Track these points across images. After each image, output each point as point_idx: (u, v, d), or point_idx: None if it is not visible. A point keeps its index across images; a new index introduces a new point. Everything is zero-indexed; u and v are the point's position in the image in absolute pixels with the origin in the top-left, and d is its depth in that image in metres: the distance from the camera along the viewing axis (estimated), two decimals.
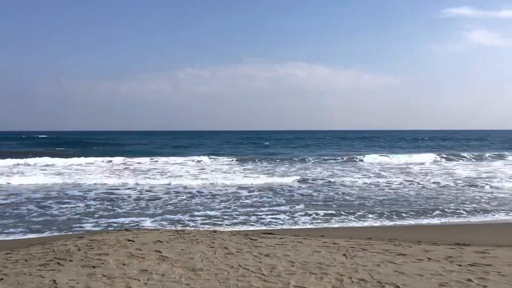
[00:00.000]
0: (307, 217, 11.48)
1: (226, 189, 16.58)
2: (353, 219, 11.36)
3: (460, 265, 5.90)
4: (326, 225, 10.72)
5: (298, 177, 20.00)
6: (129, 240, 7.53)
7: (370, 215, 11.72)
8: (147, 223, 10.75)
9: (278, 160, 29.79)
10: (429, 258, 6.31)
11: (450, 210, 12.41)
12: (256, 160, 29.52)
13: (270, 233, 8.71)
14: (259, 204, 13.48)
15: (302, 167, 26.40)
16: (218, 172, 22.72)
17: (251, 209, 12.53)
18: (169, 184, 18.04)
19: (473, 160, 31.08)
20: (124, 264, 5.88)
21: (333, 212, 12.19)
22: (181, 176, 20.94)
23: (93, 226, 10.44)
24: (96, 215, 11.63)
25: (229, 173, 22.65)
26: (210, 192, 15.81)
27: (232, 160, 29.59)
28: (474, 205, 13.25)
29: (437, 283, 5.09)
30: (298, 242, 7.51)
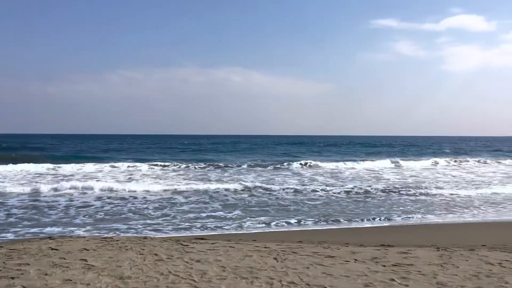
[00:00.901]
0: (242, 222, 11.50)
1: (160, 195, 16.25)
2: (285, 223, 11.52)
3: (384, 266, 6.16)
4: (259, 229, 10.80)
5: (233, 182, 20.00)
6: (52, 249, 7.16)
7: (302, 219, 11.95)
8: (76, 232, 10.28)
9: (212, 165, 29.42)
10: (355, 260, 6.53)
11: (378, 213, 12.93)
12: (190, 166, 29.06)
13: (202, 238, 8.63)
14: (197, 210, 13.32)
15: (237, 171, 26.44)
16: (150, 178, 22.23)
17: (189, 216, 12.35)
18: (100, 190, 17.36)
19: (402, 166, 32.54)
20: (46, 274, 5.58)
21: (267, 216, 12.32)
22: (111, 181, 20.24)
23: (15, 236, 9.81)
24: (19, 225, 10.92)
25: (163, 178, 22.23)
26: (144, 198, 15.42)
27: (165, 165, 28.84)
28: (401, 208, 13.90)
29: (363, 283, 5.27)
30: (230, 247, 7.50)
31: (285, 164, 30.27)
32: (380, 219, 12.05)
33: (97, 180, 19.73)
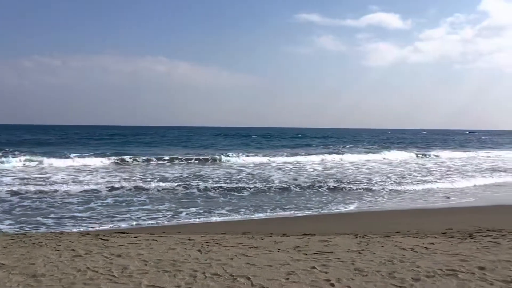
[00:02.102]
0: (167, 215, 11.30)
1: (83, 187, 15.50)
2: (210, 214, 11.47)
3: (306, 254, 6.31)
4: (184, 222, 10.66)
5: (156, 176, 19.60)
6: None
7: (227, 210, 11.97)
8: None
9: (134, 159, 27.26)
10: (279, 249, 6.63)
11: (301, 203, 13.27)
12: (113, 159, 27.29)
13: (123, 232, 8.36)
14: (123, 203, 12.86)
15: (161, 164, 25.88)
16: (65, 171, 21.17)
17: (116, 209, 11.91)
18: (16, 184, 16.26)
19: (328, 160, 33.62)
20: None
21: (195, 208, 12.21)
22: (29, 176, 19.05)
23: None
24: None
25: (81, 171, 21.27)
26: (66, 192, 14.64)
27: (80, 157, 26.81)
28: (322, 198, 14.36)
29: (285, 272, 5.36)
30: (153, 240, 7.32)
31: (213, 156, 30.12)
32: (303, 209, 12.37)
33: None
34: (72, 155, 27.38)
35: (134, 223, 10.38)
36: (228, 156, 29.23)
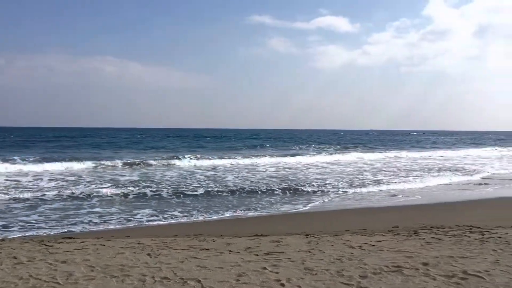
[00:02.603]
0: (118, 218, 11.01)
1: (27, 194, 14.82)
2: (162, 217, 11.28)
3: (257, 255, 6.33)
4: (134, 225, 10.43)
5: (106, 179, 19.09)
6: None
7: (179, 212, 11.81)
8: None
9: (83, 162, 25.39)
10: (230, 251, 6.61)
11: (253, 204, 13.30)
12: (61, 163, 25.87)
13: (69, 238, 8.07)
14: (70, 208, 12.37)
15: (110, 167, 25.16)
16: (6, 175, 20.22)
17: (63, 214, 11.46)
18: None
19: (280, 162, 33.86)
20: None
21: (146, 210, 11.98)
22: None
23: None
24: None
25: (25, 175, 20.38)
26: (11, 198, 13.95)
27: (24, 161, 25.34)
28: (274, 199, 14.46)
29: (236, 273, 5.35)
30: (101, 245, 7.12)
31: (165, 158, 29.65)
32: (255, 210, 12.41)
33: None
34: (16, 157, 26.18)
35: (81, 227, 10.03)
36: (180, 158, 28.78)
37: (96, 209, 12.16)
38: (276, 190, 16.18)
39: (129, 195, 14.66)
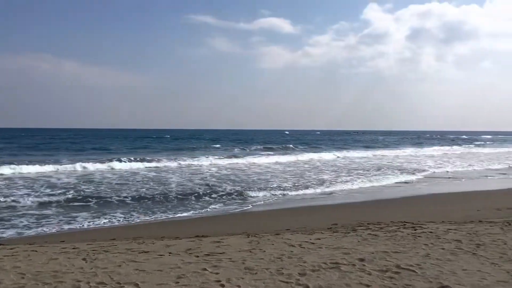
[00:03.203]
0: (53, 223, 10.52)
1: None
2: (99, 220, 10.91)
3: (198, 256, 6.27)
4: (70, 229, 10.01)
5: (41, 182, 18.24)
6: None
7: (119, 215, 11.48)
8: None
9: (15, 164, 24.76)
10: (170, 253, 6.51)
11: (196, 205, 13.17)
12: None
13: None
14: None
15: (45, 169, 24.04)
16: None
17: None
18: None
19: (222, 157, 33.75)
20: None
21: (84, 214, 11.55)
22: None
23: None
24: None
25: None
26: None
27: None
28: (218, 199, 14.39)
29: (175, 276, 5.27)
30: (33, 251, 6.78)
31: (104, 160, 28.69)
32: (197, 211, 12.29)
33: None
34: None
35: (12, 233, 9.51)
36: (121, 161, 27.67)
37: (31, 213, 11.56)
38: (219, 191, 16.12)
39: (65, 198, 14.06)
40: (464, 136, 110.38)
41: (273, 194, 15.47)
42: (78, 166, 24.01)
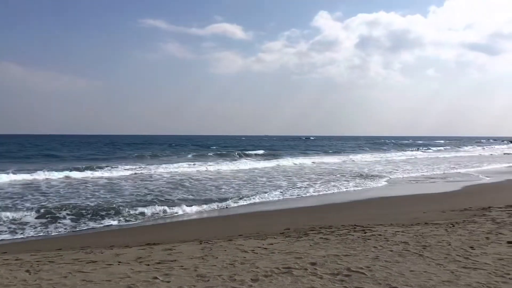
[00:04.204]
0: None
1: None
2: (45, 230, 10.46)
3: (148, 265, 6.11)
4: (12, 238, 9.55)
5: None
6: None
7: (66, 224, 11.06)
8: None
9: None
10: (119, 262, 6.31)
11: (146, 212, 12.88)
12: None
13: None
14: None
15: None
16: None
17: None
18: None
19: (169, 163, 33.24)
20: None
21: (28, 223, 11.02)
22: None
23: None
24: None
25: None
26: None
27: None
28: (170, 205, 14.15)
29: (125, 285, 5.11)
30: None
31: (60, 170, 27.61)
32: (148, 218, 12.04)
33: None
34: None
35: None
36: (81, 169, 26.26)
37: None
38: (172, 198, 15.89)
39: (7, 207, 13.40)
40: (420, 142, 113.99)
41: (226, 201, 15.38)
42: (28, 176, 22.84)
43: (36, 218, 11.77)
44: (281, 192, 17.56)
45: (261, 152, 51.65)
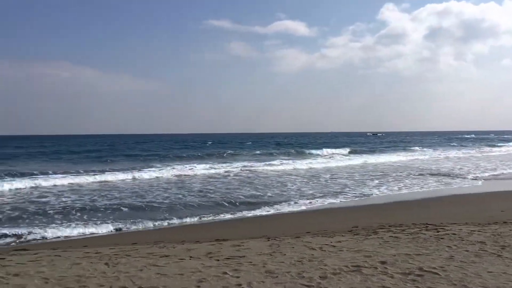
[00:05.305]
0: (75, 227, 10.65)
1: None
2: (122, 224, 11.00)
3: (218, 260, 6.27)
4: (91, 234, 10.13)
5: (65, 190, 18.55)
6: None
7: (140, 220, 11.57)
8: None
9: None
10: (190, 257, 6.53)
11: (217, 209, 13.19)
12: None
13: (23, 249, 7.77)
14: (22, 218, 11.88)
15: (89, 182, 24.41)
16: None
17: (14, 224, 10.98)
18: None
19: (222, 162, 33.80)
20: None
21: (99, 219, 11.65)
22: None
23: None
24: None
25: None
26: None
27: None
28: (237, 204, 14.41)
29: (197, 280, 5.28)
30: (56, 256, 6.88)
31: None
32: (214, 214, 12.30)
33: None
34: None
35: (36, 238, 9.66)
36: (143, 170, 27.25)
37: (54, 219, 11.73)
38: (240, 196, 16.16)
39: (87, 205, 14.25)
40: (491, 135, 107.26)
41: (293, 199, 15.40)
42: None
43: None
44: (362, 190, 17.33)
45: (346, 150, 49.86)
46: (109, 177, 22.06)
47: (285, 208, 13.35)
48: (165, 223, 11.25)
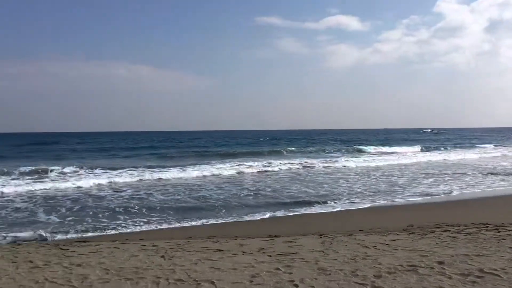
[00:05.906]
0: (131, 222, 11.06)
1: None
2: (177, 219, 11.30)
3: (271, 256, 6.32)
4: (147, 228, 10.47)
5: (124, 185, 19.28)
6: None
7: (193, 215, 11.83)
8: None
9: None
10: (243, 252, 6.62)
11: (267, 205, 13.26)
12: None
13: (84, 241, 8.16)
14: (86, 211, 12.49)
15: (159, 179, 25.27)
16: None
17: (78, 218, 11.56)
18: None
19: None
20: None
21: (156, 214, 12.01)
22: None
23: None
24: None
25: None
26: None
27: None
28: (287, 200, 14.42)
29: (249, 275, 5.35)
30: (115, 247, 7.18)
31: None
32: (265, 211, 12.35)
33: None
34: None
35: (96, 231, 10.11)
36: (215, 164, 26.96)
37: (111, 214, 12.21)
38: (294, 191, 16.16)
39: (143, 198, 14.73)
40: None
41: (343, 195, 15.23)
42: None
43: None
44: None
45: (417, 147, 47.86)
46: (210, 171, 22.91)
47: (337, 206, 13.22)
48: (220, 220, 11.45)
